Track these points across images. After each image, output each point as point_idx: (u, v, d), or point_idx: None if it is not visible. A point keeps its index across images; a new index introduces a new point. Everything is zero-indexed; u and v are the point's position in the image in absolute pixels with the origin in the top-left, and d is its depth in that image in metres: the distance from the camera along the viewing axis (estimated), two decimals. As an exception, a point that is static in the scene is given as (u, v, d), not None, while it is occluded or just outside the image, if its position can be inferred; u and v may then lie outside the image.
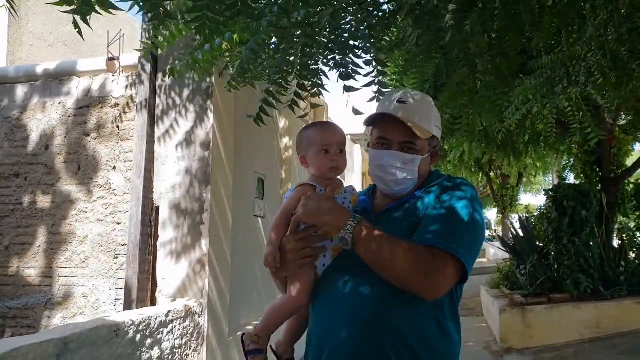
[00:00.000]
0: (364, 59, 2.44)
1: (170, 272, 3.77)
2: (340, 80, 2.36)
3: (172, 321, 3.43)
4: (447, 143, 7.81)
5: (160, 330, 3.32)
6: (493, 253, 7.75)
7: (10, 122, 4.18)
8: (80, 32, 1.73)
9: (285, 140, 5.81)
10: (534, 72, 3.72)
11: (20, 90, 4.23)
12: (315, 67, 2.54)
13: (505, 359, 5.67)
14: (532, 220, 7.00)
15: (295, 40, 2.36)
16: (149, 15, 2.01)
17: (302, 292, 1.37)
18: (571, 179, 7.50)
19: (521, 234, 6.73)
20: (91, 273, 3.93)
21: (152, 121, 3.88)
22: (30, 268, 4.01)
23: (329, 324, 1.32)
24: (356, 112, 2.22)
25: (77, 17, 1.63)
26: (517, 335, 5.91)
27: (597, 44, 3.15)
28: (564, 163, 7.81)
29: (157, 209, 3.86)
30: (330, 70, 2.51)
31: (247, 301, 4.52)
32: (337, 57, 2.47)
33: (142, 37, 3.73)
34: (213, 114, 3.83)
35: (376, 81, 2.53)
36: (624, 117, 6.72)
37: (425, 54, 3.41)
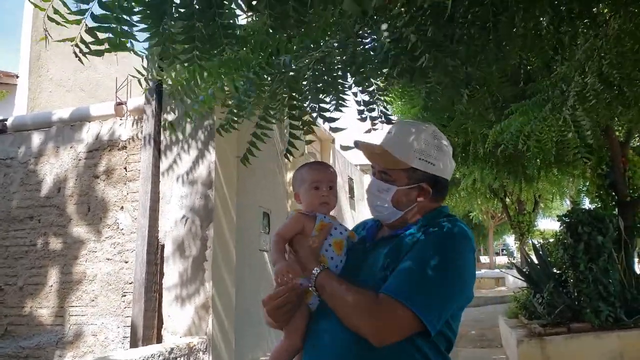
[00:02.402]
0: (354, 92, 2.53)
1: (175, 310, 3.83)
2: (344, 113, 2.45)
3: (175, 359, 3.47)
4: (458, 171, 7.80)
5: (163, 368, 3.37)
6: (512, 281, 7.56)
7: (26, 168, 4.40)
8: (81, 61, 1.81)
9: (292, 174, 5.92)
10: (530, 97, 3.77)
11: (36, 137, 4.46)
12: (303, 107, 2.64)
13: (526, 392, 5.47)
14: (548, 246, 6.84)
15: (282, 81, 2.47)
16: (158, 50, 2.14)
17: (296, 335, 1.41)
18: (587, 203, 7.35)
19: (536, 261, 6.58)
20: (100, 311, 4.02)
21: (157, 160, 4.03)
22: (43, 307, 4.14)
23: None
24: (345, 148, 2.30)
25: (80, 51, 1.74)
26: (536, 368, 5.70)
27: (589, 68, 3.19)
28: (580, 187, 7.67)
29: (162, 247, 3.96)
30: (314, 112, 2.60)
31: (253, 336, 4.52)
32: (322, 97, 2.56)
33: (147, 66, 3.91)
34: (215, 151, 3.96)
35: (365, 116, 2.61)
36: (637, 138, 6.60)
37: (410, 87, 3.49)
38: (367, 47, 2.74)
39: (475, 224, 18.37)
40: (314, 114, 2.42)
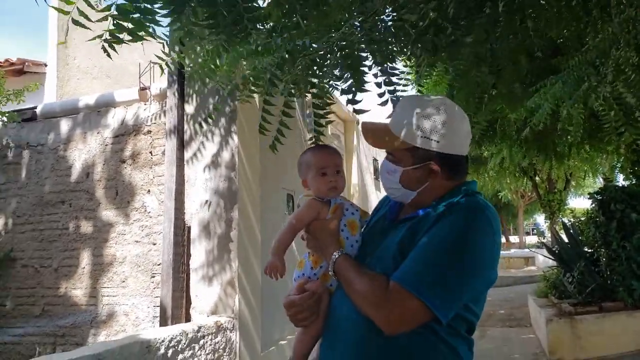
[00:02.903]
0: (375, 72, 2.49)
1: (203, 289, 3.92)
2: (369, 93, 2.42)
3: (203, 337, 3.56)
4: (486, 150, 7.63)
5: (192, 345, 3.46)
6: (542, 260, 7.42)
7: (56, 154, 4.53)
8: (109, 55, 1.85)
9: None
10: (558, 71, 3.62)
11: (64, 124, 4.57)
12: (325, 88, 2.60)
13: (555, 372, 5.41)
14: (579, 225, 6.67)
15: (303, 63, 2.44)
16: (180, 34, 2.16)
17: (317, 326, 1.42)
18: (621, 180, 7.11)
19: (566, 239, 6.44)
20: (131, 292, 4.15)
21: (181, 145, 4.09)
22: (77, 288, 4.29)
23: (330, 352, 1.36)
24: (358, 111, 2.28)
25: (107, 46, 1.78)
26: (566, 347, 5.62)
27: (624, 40, 3.04)
28: (614, 164, 7.41)
29: (189, 229, 4.03)
30: (335, 89, 2.57)
31: (280, 315, 4.59)
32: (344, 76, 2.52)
33: (166, 49, 3.94)
34: (237, 136, 3.98)
35: (386, 98, 2.56)
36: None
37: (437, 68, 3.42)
38: (388, 24, 2.69)
39: (505, 203, 18.02)
40: (337, 92, 2.40)
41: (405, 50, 2.67)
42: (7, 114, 4.40)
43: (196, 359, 3.46)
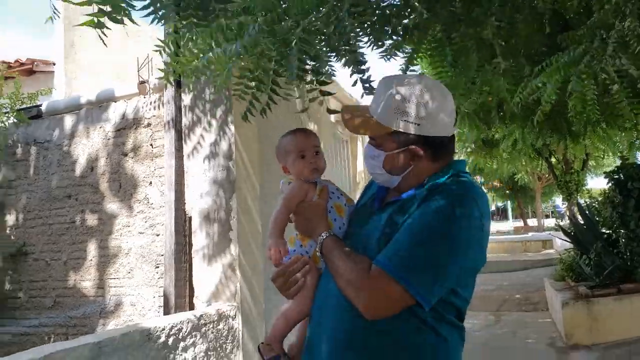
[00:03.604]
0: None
1: (205, 278, 3.96)
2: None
3: (204, 325, 3.60)
4: (497, 132, 7.45)
5: (193, 333, 3.50)
6: (560, 243, 7.25)
7: (61, 149, 4.62)
8: (104, 43, 1.83)
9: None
10: (565, 47, 3.49)
11: (69, 120, 4.66)
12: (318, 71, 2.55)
13: (571, 356, 5.30)
14: (595, 205, 6.48)
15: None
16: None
17: (305, 300, 1.42)
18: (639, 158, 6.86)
19: (582, 221, 6.27)
20: (136, 283, 4.22)
21: (180, 137, 4.11)
22: (85, 280, 4.40)
23: (317, 331, 1.36)
24: (331, 112, 2.23)
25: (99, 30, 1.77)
26: (583, 330, 5.49)
27: (630, 10, 2.91)
28: (633, 141, 7.15)
29: (190, 219, 4.07)
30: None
31: (282, 303, 4.61)
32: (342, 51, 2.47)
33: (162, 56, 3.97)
34: (234, 126, 3.99)
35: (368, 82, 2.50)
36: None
37: (437, 43, 3.34)
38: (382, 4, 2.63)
39: (521, 186, 17.58)
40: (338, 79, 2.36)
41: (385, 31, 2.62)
42: (14, 114, 4.52)
43: (198, 346, 3.50)
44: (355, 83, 2.43)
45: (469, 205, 1.20)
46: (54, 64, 6.56)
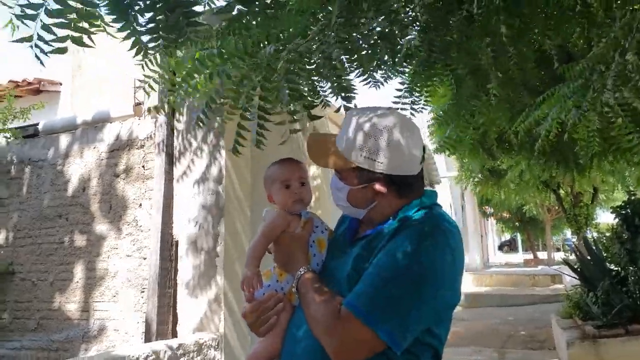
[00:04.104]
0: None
1: (189, 305, 3.84)
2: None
3: (183, 355, 3.47)
4: (503, 162, 7.30)
5: (171, 364, 3.37)
6: (569, 279, 7.01)
7: (55, 168, 4.61)
8: (42, 62, 1.79)
9: (313, 169, 5.78)
10: (565, 80, 3.42)
11: (64, 139, 4.66)
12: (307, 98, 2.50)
13: (576, 400, 5.02)
14: (603, 240, 6.26)
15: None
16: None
17: (275, 339, 1.37)
18: (650, 192, 6.63)
19: (588, 256, 6.04)
20: (121, 307, 4.12)
21: (171, 160, 4.07)
22: (70, 302, 4.31)
23: None
24: (293, 131, 2.17)
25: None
26: (589, 373, 5.22)
27: (629, 44, 2.83)
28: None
29: (177, 243, 3.98)
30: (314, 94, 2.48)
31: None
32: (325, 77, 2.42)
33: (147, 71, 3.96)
34: (224, 151, 3.93)
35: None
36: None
37: (432, 71, 3.28)
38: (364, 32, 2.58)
39: (530, 218, 17.20)
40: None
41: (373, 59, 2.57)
42: (7, 131, 4.53)
43: (175, 377, 3.37)
44: (338, 109, 2.36)
45: (439, 239, 1.16)
46: (61, 84, 6.64)
